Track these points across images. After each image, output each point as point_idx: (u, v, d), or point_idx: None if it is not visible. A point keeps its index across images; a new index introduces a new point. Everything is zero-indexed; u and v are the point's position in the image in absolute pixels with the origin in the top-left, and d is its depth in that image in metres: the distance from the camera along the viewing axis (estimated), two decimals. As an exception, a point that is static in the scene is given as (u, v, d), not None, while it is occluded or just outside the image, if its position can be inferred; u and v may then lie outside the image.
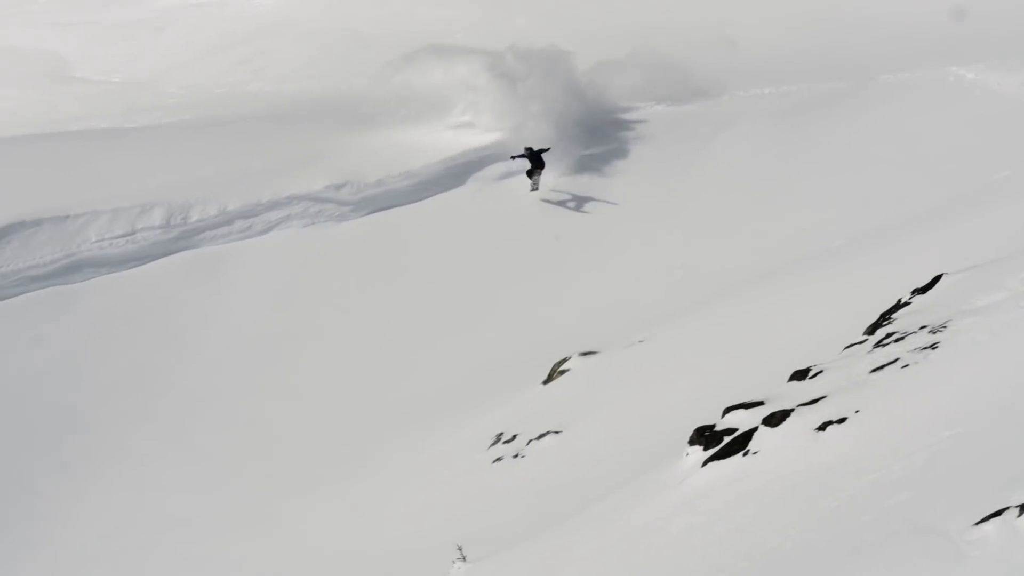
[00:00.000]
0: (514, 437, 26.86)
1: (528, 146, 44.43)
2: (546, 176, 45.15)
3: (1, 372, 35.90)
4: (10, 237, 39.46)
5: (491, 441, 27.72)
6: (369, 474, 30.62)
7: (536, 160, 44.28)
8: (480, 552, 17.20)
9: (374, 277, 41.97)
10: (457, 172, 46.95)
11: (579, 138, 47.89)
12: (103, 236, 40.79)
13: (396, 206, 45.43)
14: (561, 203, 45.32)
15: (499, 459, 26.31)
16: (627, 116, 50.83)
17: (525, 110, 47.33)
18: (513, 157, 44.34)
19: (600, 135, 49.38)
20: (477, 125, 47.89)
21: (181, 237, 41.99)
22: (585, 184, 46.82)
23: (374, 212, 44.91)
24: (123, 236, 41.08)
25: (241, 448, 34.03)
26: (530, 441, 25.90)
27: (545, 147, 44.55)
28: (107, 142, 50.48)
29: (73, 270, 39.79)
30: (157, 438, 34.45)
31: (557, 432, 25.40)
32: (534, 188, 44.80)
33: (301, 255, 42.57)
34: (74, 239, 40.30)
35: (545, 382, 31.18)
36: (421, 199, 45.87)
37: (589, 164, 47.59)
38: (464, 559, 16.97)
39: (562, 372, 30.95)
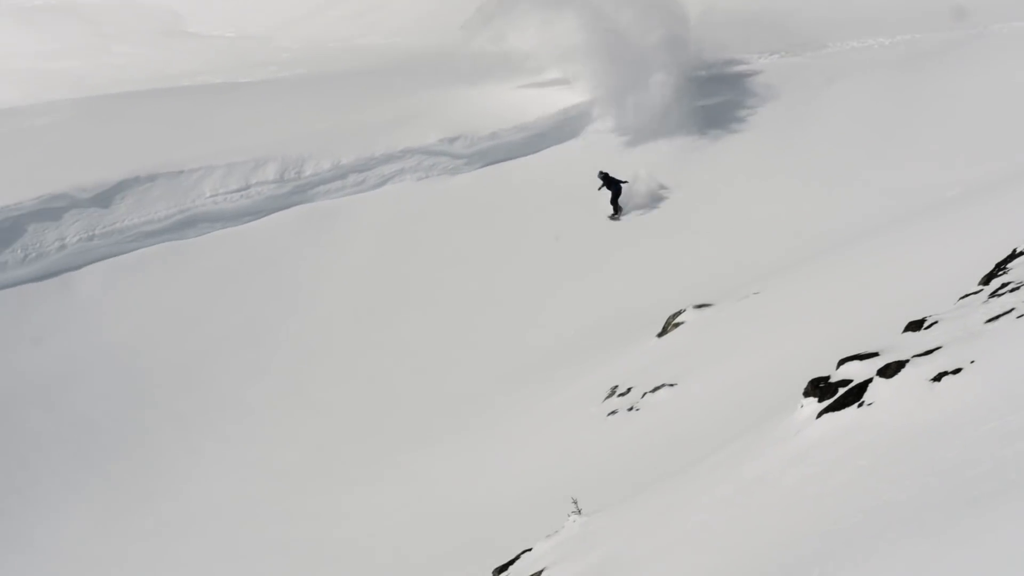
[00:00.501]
0: (629, 390, 26.53)
1: (605, 172, 42.35)
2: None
3: (116, 328, 36.19)
4: (125, 193, 39.64)
5: (606, 394, 27.41)
6: (485, 428, 30.52)
7: (614, 188, 42.30)
8: (595, 505, 16.93)
9: (488, 230, 41.77)
10: (571, 125, 46.54)
11: (691, 91, 47.11)
12: (217, 191, 40.92)
13: (509, 159, 45.08)
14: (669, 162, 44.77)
15: (614, 412, 26.05)
16: (739, 68, 50.18)
17: (636, 66, 46.47)
18: (600, 188, 42.37)
19: (712, 88, 48.78)
20: (579, 83, 47.09)
21: (295, 191, 42.01)
22: (698, 137, 46.27)
23: (487, 165, 44.68)
24: (237, 191, 41.20)
25: (357, 402, 34.03)
26: (645, 394, 25.57)
27: (623, 179, 42.54)
28: (221, 97, 50.66)
29: (187, 225, 40.01)
30: (274, 393, 34.57)
31: (671, 385, 25.07)
32: (614, 216, 42.60)
33: (415, 209, 42.47)
34: (188, 194, 40.48)
35: (659, 335, 30.79)
36: (535, 152, 45.47)
37: (702, 117, 46.91)
38: (579, 512, 16.63)
39: (676, 325, 30.60)
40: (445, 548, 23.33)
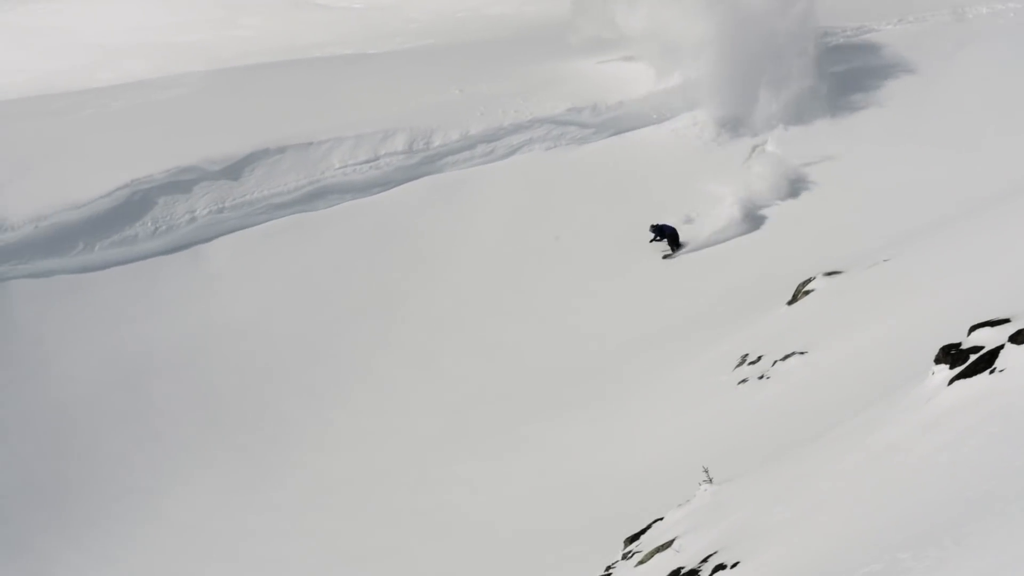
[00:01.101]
0: (759, 359, 26.46)
1: (655, 224, 39.20)
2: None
3: (245, 300, 36.41)
4: (255, 165, 39.90)
5: (736, 363, 27.33)
6: (615, 397, 30.28)
7: (668, 234, 39.14)
8: (726, 474, 17.02)
9: (617, 200, 41.44)
10: (692, 96, 45.65)
11: (820, 60, 46.02)
12: (346, 162, 41.00)
13: (637, 128, 44.46)
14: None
15: (744, 381, 25.98)
16: (868, 36, 49.33)
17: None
18: (652, 240, 39.29)
19: (841, 55, 48.09)
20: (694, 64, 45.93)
21: (424, 162, 41.95)
22: (826, 105, 45.48)
23: (615, 134, 44.07)
24: (366, 162, 41.23)
25: (486, 372, 33.94)
26: (775, 362, 25.47)
27: (669, 223, 39.36)
28: (349, 68, 50.79)
29: (316, 197, 40.11)
30: (403, 363, 34.55)
31: (802, 353, 24.91)
32: (669, 255, 39.39)
33: (543, 178, 42.23)
34: (318, 166, 40.61)
35: (790, 303, 30.52)
36: (663, 121, 44.85)
37: (831, 85, 46.04)
38: (710, 481, 16.78)
39: (806, 292, 30.30)
40: (575, 518, 23.36)
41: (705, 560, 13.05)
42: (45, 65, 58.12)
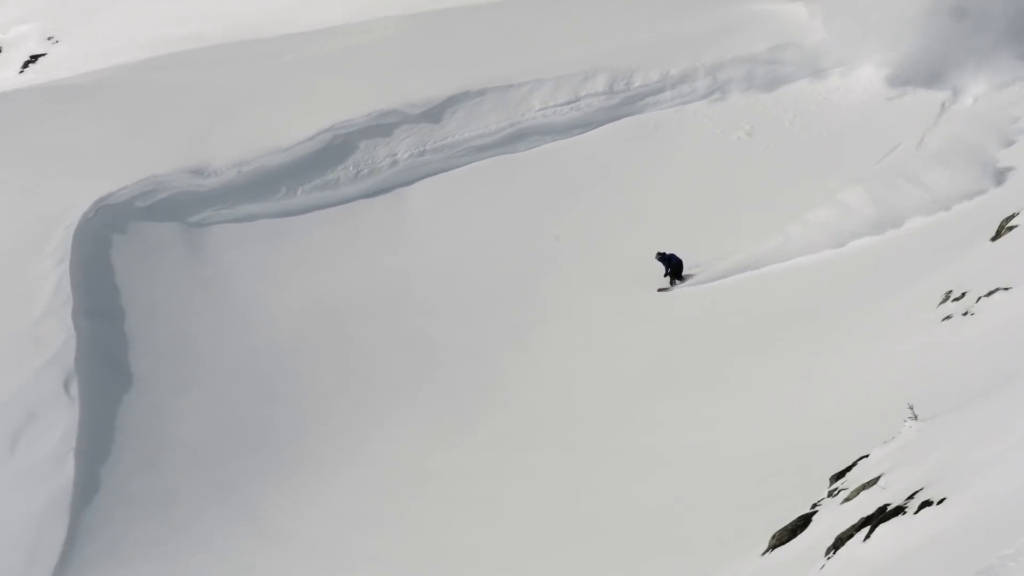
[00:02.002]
0: (963, 295, 25.70)
1: (662, 252, 35.13)
2: None
3: (447, 242, 36.43)
4: (455, 107, 39.84)
5: (940, 299, 26.57)
6: (818, 336, 29.59)
7: (673, 263, 35.21)
8: (931, 410, 16.64)
9: (817, 139, 40.21)
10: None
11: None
12: (547, 104, 40.60)
13: (835, 67, 42.80)
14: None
15: (948, 317, 25.35)
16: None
17: None
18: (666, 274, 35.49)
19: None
20: None
21: (624, 103, 41.25)
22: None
23: (815, 74, 42.46)
24: (566, 103, 40.75)
25: (689, 312, 33.38)
26: (979, 298, 24.76)
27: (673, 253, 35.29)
28: (549, 10, 50.08)
29: (517, 139, 39.83)
30: (607, 303, 34.15)
31: (1006, 289, 24.14)
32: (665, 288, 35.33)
33: (743, 118, 41.13)
34: (518, 107, 40.33)
35: (993, 239, 29.38)
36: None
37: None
38: (915, 418, 16.46)
39: (1010, 228, 29.17)
40: (779, 456, 23.09)
41: (911, 497, 12.81)
42: (246, 11, 58.60)
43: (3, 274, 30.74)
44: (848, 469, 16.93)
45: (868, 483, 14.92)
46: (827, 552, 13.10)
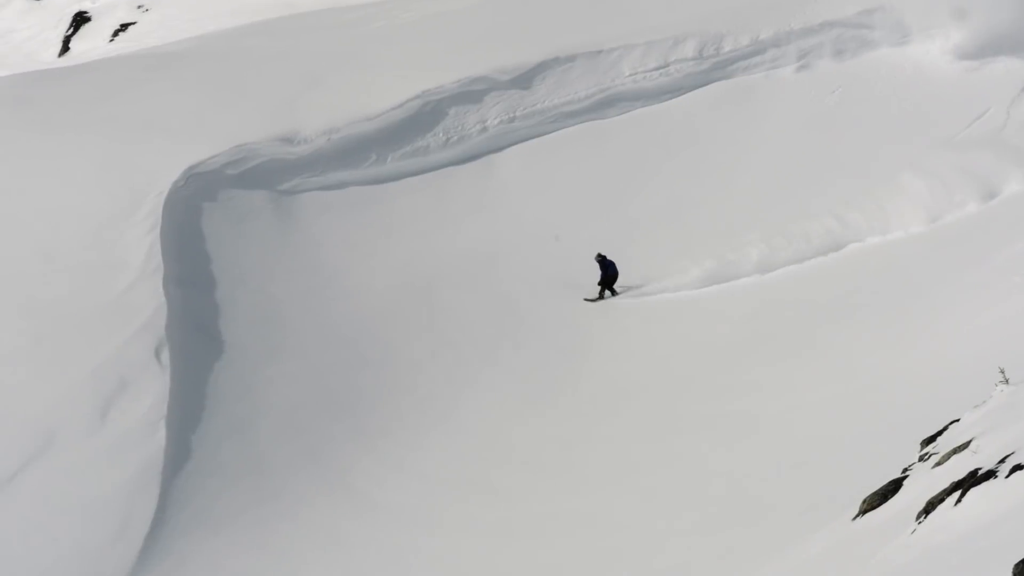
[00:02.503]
0: None
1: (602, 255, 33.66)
2: None
3: (537, 208, 36.44)
4: (545, 73, 39.71)
5: None
6: (905, 299, 29.41)
7: (609, 280, 33.71)
8: (1022, 374, 16.53)
9: (911, 105, 39.42)
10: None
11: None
12: (636, 69, 40.34)
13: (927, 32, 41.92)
14: None
15: None
16: None
17: None
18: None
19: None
20: None
21: (714, 68, 40.94)
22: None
23: (907, 38, 41.63)
24: (656, 69, 40.47)
25: (778, 278, 33.28)
26: None
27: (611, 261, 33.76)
28: (637, -26, 49.73)
29: (607, 105, 39.64)
30: (694, 269, 33.80)
31: None
32: (593, 298, 33.74)
33: (831, 85, 40.67)
34: (608, 73, 40.09)
35: None
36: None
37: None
38: (1007, 381, 16.29)
39: None
40: (869, 421, 22.93)
41: (1003, 461, 12.56)
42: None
43: (94, 243, 30.89)
44: (939, 433, 16.66)
45: (959, 447, 14.66)
46: (918, 517, 12.85)
